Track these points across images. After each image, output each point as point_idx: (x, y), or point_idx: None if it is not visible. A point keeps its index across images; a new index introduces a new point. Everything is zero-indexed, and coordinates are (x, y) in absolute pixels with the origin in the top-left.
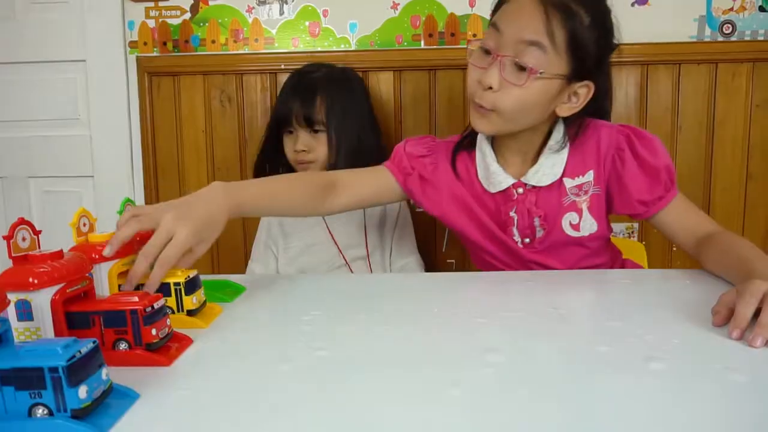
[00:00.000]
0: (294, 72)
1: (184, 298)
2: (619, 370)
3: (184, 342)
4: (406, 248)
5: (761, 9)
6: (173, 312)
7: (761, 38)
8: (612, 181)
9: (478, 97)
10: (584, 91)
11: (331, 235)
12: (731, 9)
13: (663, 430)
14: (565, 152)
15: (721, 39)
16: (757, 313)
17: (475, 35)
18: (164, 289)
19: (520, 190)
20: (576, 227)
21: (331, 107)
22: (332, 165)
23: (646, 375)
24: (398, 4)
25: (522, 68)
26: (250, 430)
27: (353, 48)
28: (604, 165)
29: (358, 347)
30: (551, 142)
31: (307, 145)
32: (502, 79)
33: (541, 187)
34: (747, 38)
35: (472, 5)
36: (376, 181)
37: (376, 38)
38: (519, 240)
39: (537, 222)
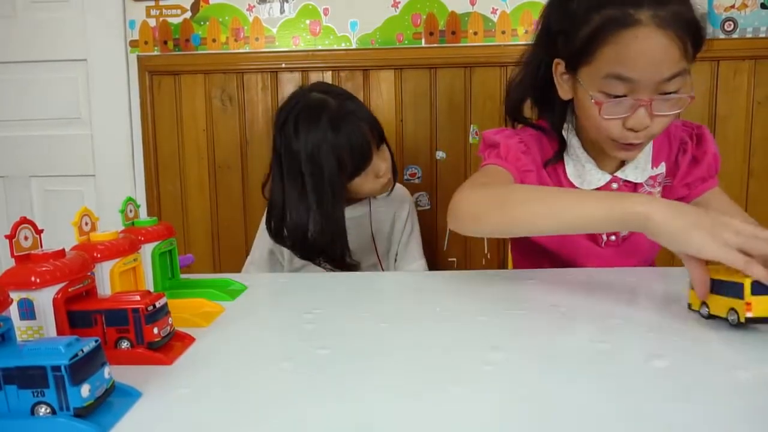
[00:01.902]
0: (320, 111)
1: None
2: (621, 368)
3: (186, 341)
4: (412, 254)
5: (763, 6)
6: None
7: (763, 35)
8: (679, 171)
9: (630, 138)
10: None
11: None
12: (733, 6)
13: (665, 428)
14: (650, 146)
15: (722, 36)
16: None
17: (476, 33)
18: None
19: (615, 186)
20: None
21: (372, 118)
22: (394, 166)
23: (648, 373)
24: (399, 2)
25: (668, 93)
26: (252, 428)
27: (354, 46)
28: (673, 158)
29: (359, 345)
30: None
31: (385, 158)
32: (654, 117)
33: (634, 183)
34: (748, 35)
35: (472, 3)
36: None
37: (377, 37)
38: (604, 238)
39: None
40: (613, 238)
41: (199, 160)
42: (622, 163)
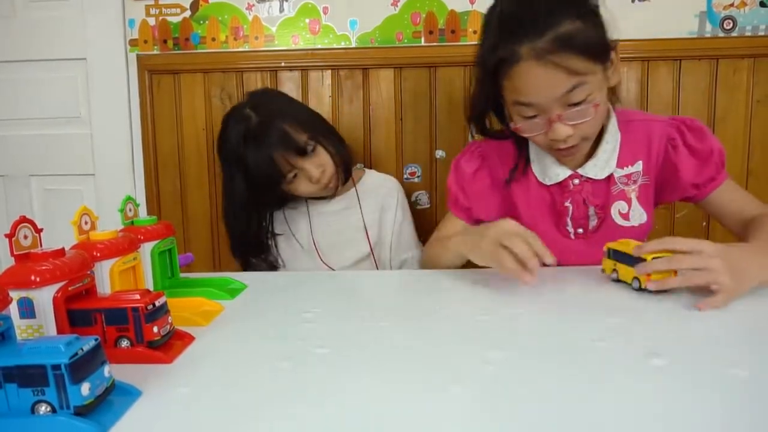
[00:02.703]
0: (231, 133)
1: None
2: (620, 366)
3: (186, 339)
4: (407, 242)
5: (762, 4)
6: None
7: (762, 34)
8: (665, 170)
9: (560, 146)
10: (613, 55)
11: (314, 244)
12: (732, 5)
13: (664, 425)
14: (617, 144)
15: (721, 35)
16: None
17: (475, 32)
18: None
19: (576, 181)
20: (625, 216)
21: (298, 121)
22: (341, 165)
23: (647, 371)
24: (398, 1)
25: (578, 103)
26: (251, 427)
27: (353, 45)
28: (656, 156)
29: (358, 344)
30: (607, 136)
31: (319, 165)
32: (572, 126)
33: (594, 179)
34: (748, 34)
35: (472, 2)
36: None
37: (377, 35)
38: (572, 231)
39: (592, 211)
40: (580, 230)
41: (198, 158)
42: (585, 160)
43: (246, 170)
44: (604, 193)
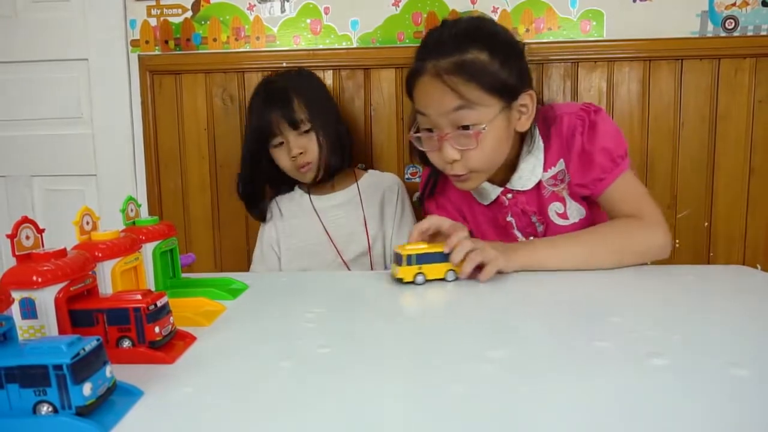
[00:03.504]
0: (256, 88)
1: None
2: (620, 366)
3: (188, 340)
4: (407, 236)
5: (764, 4)
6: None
7: (764, 33)
8: (574, 164)
9: (449, 170)
10: (528, 100)
11: (328, 236)
12: (734, 4)
13: (665, 425)
14: (541, 151)
15: (723, 34)
16: None
17: None
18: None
19: (509, 196)
20: (563, 215)
21: (309, 105)
22: (324, 162)
23: (647, 370)
24: (400, 1)
25: (466, 128)
26: (253, 427)
27: (355, 45)
28: (569, 151)
29: (360, 344)
30: (526, 147)
31: (302, 146)
32: (458, 150)
33: (524, 191)
34: (749, 33)
35: (473, 2)
36: None
37: (378, 35)
38: (523, 240)
39: (534, 218)
40: (532, 238)
41: (200, 159)
42: (508, 176)
43: (250, 120)
44: (537, 199)
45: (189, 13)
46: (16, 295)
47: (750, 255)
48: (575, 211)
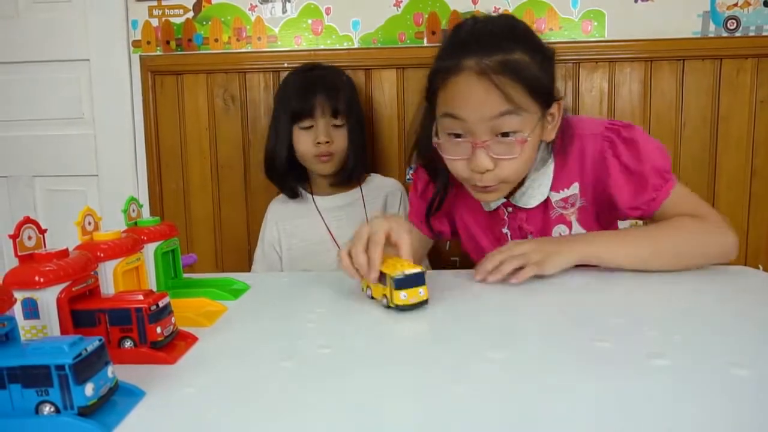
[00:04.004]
0: (299, 70)
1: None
2: (622, 366)
3: (189, 340)
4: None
5: (766, 4)
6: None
7: (766, 34)
8: (598, 189)
9: (477, 180)
10: (557, 108)
11: (332, 236)
12: (735, 4)
13: (667, 425)
14: (551, 168)
15: (725, 35)
16: None
17: None
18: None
19: (510, 209)
20: None
21: (349, 103)
22: (347, 158)
23: (649, 371)
24: (401, 1)
25: (506, 135)
26: (255, 427)
27: (356, 46)
28: (589, 177)
29: (361, 344)
30: (538, 164)
31: (330, 136)
32: (494, 159)
33: (526, 208)
34: (751, 34)
35: (475, 2)
36: (418, 243)
37: (379, 36)
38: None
39: (530, 238)
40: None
41: (201, 159)
42: (515, 189)
43: (290, 97)
44: (542, 219)
45: (190, 14)
46: (19, 296)
47: (751, 256)
48: None
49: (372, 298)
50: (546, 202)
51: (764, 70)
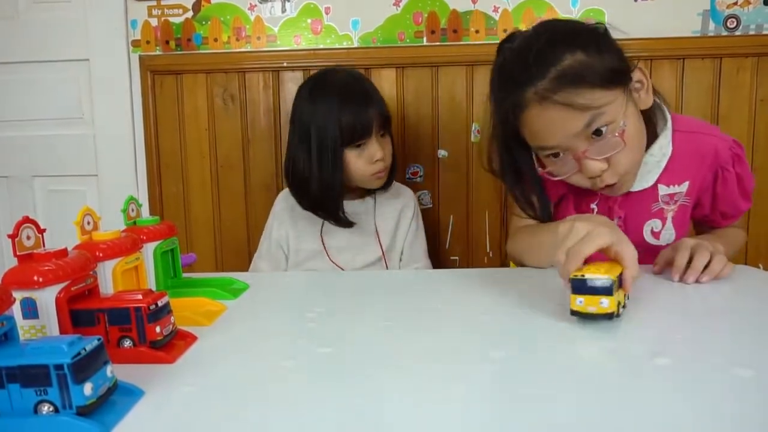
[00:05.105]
0: (328, 81)
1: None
2: (624, 366)
3: (189, 339)
4: (417, 254)
5: (766, 3)
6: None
7: (765, 32)
8: (705, 193)
9: (599, 183)
10: (640, 74)
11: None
12: (735, 3)
13: (668, 425)
14: (666, 159)
15: (725, 33)
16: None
17: (477, 31)
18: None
19: (604, 188)
20: (657, 235)
21: (385, 107)
22: (392, 166)
23: (651, 371)
24: (400, 0)
25: (599, 132)
26: (254, 426)
27: (355, 45)
28: (703, 177)
29: (361, 344)
30: (654, 149)
31: (385, 147)
32: (604, 160)
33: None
34: (751, 32)
35: (474, 1)
36: None
37: (379, 35)
38: None
39: (616, 222)
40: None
41: (201, 159)
42: None
43: (338, 117)
44: (639, 208)
45: (190, 14)
46: (18, 295)
47: (752, 255)
48: (668, 235)
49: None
50: (651, 192)
51: (764, 69)
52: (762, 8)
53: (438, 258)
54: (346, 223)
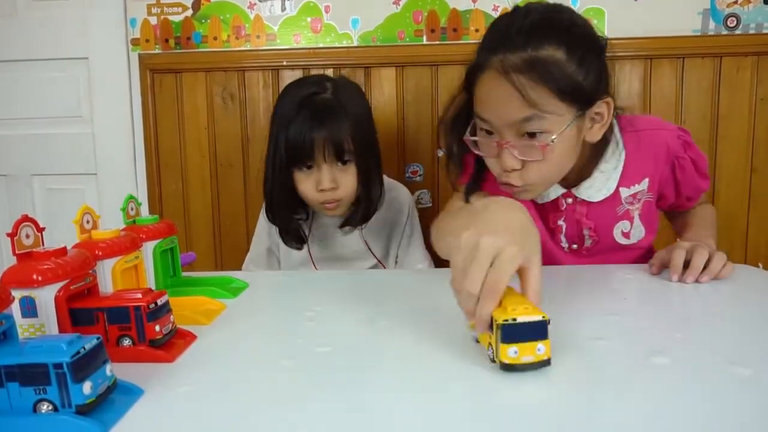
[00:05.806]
0: (298, 89)
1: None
2: (622, 364)
3: (188, 338)
4: (415, 256)
5: (766, 2)
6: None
7: (766, 31)
8: (667, 185)
9: (505, 178)
10: (605, 108)
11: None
12: (735, 2)
13: (667, 423)
14: (621, 164)
15: (725, 32)
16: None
17: (477, 30)
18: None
19: (569, 200)
20: (627, 235)
21: (356, 129)
22: (357, 201)
23: (649, 369)
24: None
25: (532, 135)
26: (253, 426)
27: (355, 44)
28: (662, 170)
29: (360, 343)
30: (607, 156)
31: (335, 180)
32: (520, 160)
33: (588, 201)
34: (751, 31)
35: (474, 0)
36: None
37: (378, 34)
38: (566, 246)
39: (586, 233)
40: (575, 246)
41: (200, 157)
42: (576, 181)
43: (287, 133)
44: (606, 214)
45: (189, 12)
46: (17, 294)
47: (751, 254)
48: (637, 232)
49: (477, 342)
50: (613, 198)
51: (764, 68)
52: (762, 7)
53: (438, 258)
54: (295, 242)
